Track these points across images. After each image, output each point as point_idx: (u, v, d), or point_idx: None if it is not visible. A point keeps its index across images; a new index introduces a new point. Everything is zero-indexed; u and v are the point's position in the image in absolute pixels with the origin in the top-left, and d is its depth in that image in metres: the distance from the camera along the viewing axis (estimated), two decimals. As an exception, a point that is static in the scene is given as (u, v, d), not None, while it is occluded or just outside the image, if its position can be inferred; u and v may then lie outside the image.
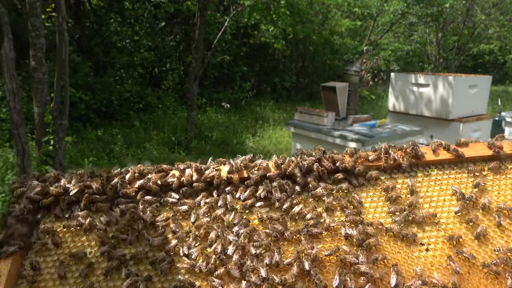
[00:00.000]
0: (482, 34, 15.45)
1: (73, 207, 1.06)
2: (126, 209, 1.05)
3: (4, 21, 3.61)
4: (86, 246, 1.00)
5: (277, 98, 11.55)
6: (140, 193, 1.09)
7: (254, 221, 1.06)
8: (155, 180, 1.11)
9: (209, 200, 1.10)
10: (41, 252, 0.98)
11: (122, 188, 1.08)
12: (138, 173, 1.13)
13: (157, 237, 1.00)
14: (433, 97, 3.54)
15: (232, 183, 1.15)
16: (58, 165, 4.10)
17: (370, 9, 11.73)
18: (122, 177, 1.11)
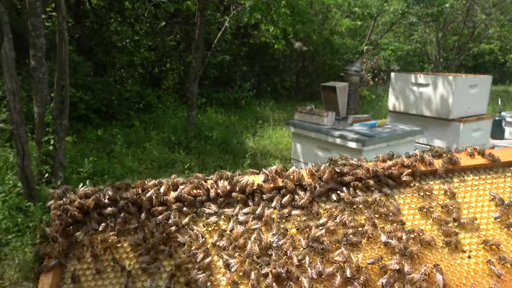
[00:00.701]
0: (483, 34, 15.44)
1: (109, 219, 1.06)
2: (163, 221, 1.04)
3: (4, 21, 3.61)
4: (124, 259, 1.00)
5: (277, 98, 11.54)
6: (176, 204, 1.08)
7: (291, 230, 1.04)
8: (190, 191, 1.10)
9: (246, 210, 1.08)
10: (80, 264, 0.98)
11: (158, 199, 1.08)
12: (172, 185, 1.13)
13: (196, 249, 0.99)
14: (433, 97, 3.54)
15: (267, 192, 1.12)
16: (58, 165, 4.10)
17: (370, 9, 11.72)
18: (157, 189, 1.10)
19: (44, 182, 4.07)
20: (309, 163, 1.20)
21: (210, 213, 1.07)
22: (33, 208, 3.79)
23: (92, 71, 7.97)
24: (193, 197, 1.10)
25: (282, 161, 6.40)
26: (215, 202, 1.10)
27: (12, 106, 3.77)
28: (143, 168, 5.62)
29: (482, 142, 3.72)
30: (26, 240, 3.55)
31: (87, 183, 1.34)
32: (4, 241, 3.52)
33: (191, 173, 5.56)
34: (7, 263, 3.29)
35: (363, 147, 2.74)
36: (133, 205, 1.07)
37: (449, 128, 3.52)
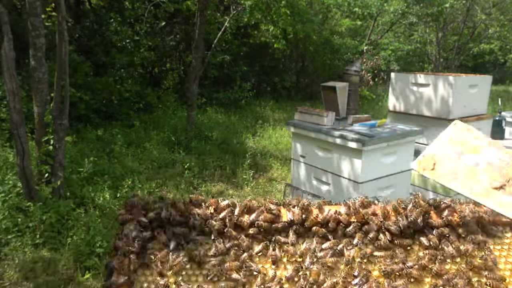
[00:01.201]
0: (483, 34, 15.43)
1: (180, 238, 1.02)
2: (235, 246, 0.99)
3: (4, 20, 3.61)
4: (193, 282, 0.96)
5: (277, 98, 11.55)
6: (250, 229, 1.03)
7: (374, 272, 0.96)
8: (266, 218, 1.03)
9: (326, 245, 0.99)
10: (148, 283, 0.95)
11: (231, 222, 1.03)
12: (246, 208, 1.07)
13: (270, 281, 0.94)
14: (433, 97, 3.54)
15: (348, 226, 1.03)
16: (58, 165, 4.10)
17: (370, 9, 11.72)
18: (231, 211, 1.05)
19: (44, 182, 4.07)
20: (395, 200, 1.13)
21: (285, 242, 1.00)
22: (33, 208, 3.79)
23: (92, 71, 7.96)
24: (269, 223, 1.02)
25: (282, 161, 6.40)
26: (292, 231, 1.02)
27: (12, 106, 3.76)
28: (143, 168, 5.62)
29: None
30: (26, 240, 3.55)
31: (141, 191, 1.32)
32: (4, 241, 3.52)
33: (191, 173, 5.57)
34: (7, 263, 3.29)
35: (363, 147, 2.74)
36: (205, 226, 1.02)
37: (449, 128, 3.52)
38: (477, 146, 0.70)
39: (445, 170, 0.70)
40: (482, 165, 0.68)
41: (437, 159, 0.72)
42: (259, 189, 5.31)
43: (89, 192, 4.38)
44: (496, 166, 0.68)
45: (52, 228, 3.71)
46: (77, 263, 3.32)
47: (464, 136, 0.71)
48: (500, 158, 0.68)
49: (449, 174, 0.69)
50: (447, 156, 0.70)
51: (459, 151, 0.69)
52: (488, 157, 0.69)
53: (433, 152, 0.73)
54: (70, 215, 3.90)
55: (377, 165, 2.91)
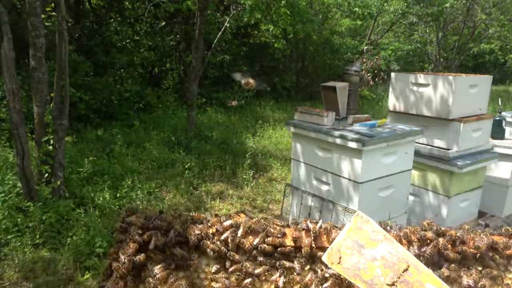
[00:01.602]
0: (483, 33, 15.43)
1: (179, 259, 0.98)
2: (237, 270, 0.96)
3: (4, 20, 3.61)
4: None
5: (277, 98, 11.54)
6: (254, 252, 0.98)
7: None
8: (271, 241, 0.99)
9: (331, 272, 0.94)
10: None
11: (234, 243, 0.99)
12: (250, 229, 1.02)
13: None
14: (433, 97, 3.53)
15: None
16: (58, 165, 4.09)
17: (370, 8, 11.72)
18: (234, 231, 1.01)
19: (44, 182, 4.07)
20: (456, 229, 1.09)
21: (291, 267, 0.95)
22: (32, 208, 3.79)
23: (92, 71, 7.96)
24: (273, 247, 0.98)
25: (282, 161, 6.40)
26: (297, 260, 0.98)
27: (12, 106, 3.76)
28: (143, 168, 5.61)
29: (482, 142, 3.72)
30: (26, 240, 3.55)
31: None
32: (3, 241, 3.52)
33: (191, 173, 5.57)
34: (6, 263, 3.28)
35: (363, 147, 2.74)
36: (204, 246, 0.98)
37: (449, 128, 3.52)
38: (374, 240, 0.74)
39: (348, 264, 0.73)
40: (378, 260, 0.71)
41: (342, 253, 0.75)
42: (259, 189, 5.30)
43: (89, 192, 4.38)
44: (389, 262, 0.70)
45: (52, 228, 3.71)
46: (77, 263, 3.32)
47: (364, 228, 0.75)
48: (392, 253, 0.71)
49: (352, 269, 0.73)
50: (351, 249, 0.74)
51: (361, 245, 0.72)
52: (382, 252, 0.71)
53: (338, 245, 0.76)
54: (70, 215, 3.90)
55: (377, 165, 2.91)
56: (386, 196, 3.02)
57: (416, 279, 0.65)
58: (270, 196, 5.13)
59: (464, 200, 3.65)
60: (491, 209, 4.05)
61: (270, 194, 5.20)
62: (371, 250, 0.72)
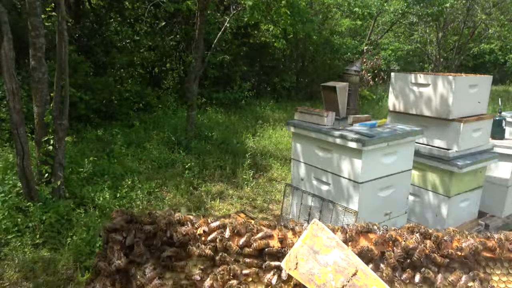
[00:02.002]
0: (483, 33, 15.43)
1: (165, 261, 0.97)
2: (223, 270, 0.94)
3: (4, 20, 3.61)
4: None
5: (277, 98, 11.55)
6: (241, 254, 0.97)
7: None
8: (258, 245, 0.96)
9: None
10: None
11: (221, 244, 0.98)
12: (237, 230, 1.01)
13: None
14: (433, 96, 3.53)
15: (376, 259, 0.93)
16: (58, 165, 4.09)
17: (370, 8, 11.72)
18: (221, 233, 1.00)
19: (44, 182, 4.07)
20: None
21: (277, 266, 0.93)
22: (32, 208, 3.79)
23: (92, 71, 7.96)
24: (259, 250, 0.96)
25: (282, 161, 6.40)
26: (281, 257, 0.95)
27: (12, 106, 3.76)
28: (143, 168, 5.61)
29: (482, 142, 3.72)
30: (26, 240, 3.55)
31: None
32: (4, 241, 3.52)
33: (191, 173, 5.57)
34: (7, 263, 3.29)
35: (363, 147, 2.74)
36: (193, 248, 0.97)
37: (449, 128, 3.52)
38: (328, 246, 0.77)
39: (303, 270, 0.78)
40: (330, 265, 0.75)
41: (298, 259, 0.80)
42: (259, 189, 5.30)
43: (89, 192, 4.38)
44: (340, 266, 0.73)
45: (52, 228, 3.71)
46: (77, 263, 3.32)
47: (320, 235, 0.80)
48: (343, 258, 0.75)
49: (306, 274, 0.77)
50: (306, 255, 0.76)
51: (316, 251, 0.76)
52: (334, 257, 0.75)
53: (296, 252, 0.81)
54: (70, 215, 3.90)
55: (377, 165, 2.91)
56: (386, 196, 3.02)
57: (363, 283, 0.70)
58: (270, 196, 5.14)
59: (464, 200, 3.65)
60: (491, 209, 4.05)
61: (270, 194, 5.20)
62: (325, 256, 0.76)
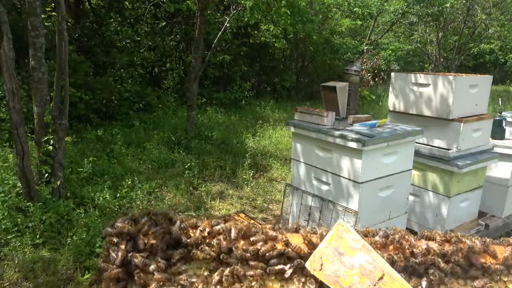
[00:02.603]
0: (483, 33, 15.43)
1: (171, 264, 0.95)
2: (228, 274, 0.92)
3: (4, 20, 3.61)
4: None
5: (277, 98, 11.55)
6: (246, 256, 0.94)
7: None
8: (266, 250, 0.94)
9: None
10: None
11: (225, 248, 0.95)
12: (242, 233, 0.99)
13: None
14: (434, 96, 3.53)
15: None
16: (58, 165, 4.09)
17: (371, 8, 11.72)
18: (225, 236, 0.98)
19: (43, 182, 4.07)
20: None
21: (281, 269, 0.90)
22: (32, 208, 3.79)
23: (92, 71, 7.96)
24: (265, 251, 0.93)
25: (282, 161, 6.40)
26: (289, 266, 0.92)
27: (12, 106, 3.76)
28: (143, 168, 5.61)
29: (482, 142, 3.72)
30: (26, 240, 3.55)
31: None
32: (3, 241, 3.52)
33: (191, 173, 5.57)
34: (6, 263, 3.28)
35: (363, 147, 2.73)
36: (198, 251, 0.94)
37: (449, 128, 3.52)
38: (353, 248, 0.76)
39: (329, 271, 0.77)
40: (356, 268, 0.74)
41: (323, 260, 0.78)
42: (259, 189, 5.30)
43: (89, 192, 4.38)
44: (366, 270, 0.73)
45: (52, 228, 3.71)
46: (77, 263, 3.32)
47: (345, 237, 0.80)
48: (369, 262, 0.74)
49: (332, 275, 0.76)
50: (331, 257, 0.76)
51: (341, 253, 0.76)
52: (360, 260, 0.75)
53: (320, 253, 0.79)
54: (70, 215, 3.90)
55: (377, 165, 2.91)
56: (386, 196, 3.02)
57: (390, 287, 0.66)
58: (270, 196, 5.13)
59: (464, 200, 3.65)
60: (491, 209, 4.05)
61: (270, 194, 5.19)
62: (350, 258, 0.75)
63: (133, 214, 1.00)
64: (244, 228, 0.98)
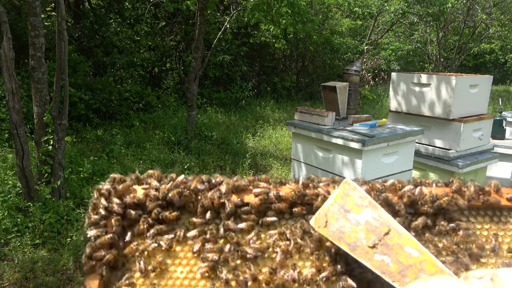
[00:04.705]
0: (483, 33, 15.43)
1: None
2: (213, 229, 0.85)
3: (3, 20, 3.60)
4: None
5: (277, 98, 11.55)
6: (243, 209, 0.88)
7: None
8: (254, 203, 0.87)
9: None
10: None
11: (219, 202, 0.87)
12: (234, 188, 0.91)
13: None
14: (434, 96, 3.53)
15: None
16: (58, 165, 4.09)
17: (371, 8, 11.72)
18: (218, 190, 0.90)
19: (43, 182, 4.06)
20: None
21: (272, 221, 0.85)
22: (32, 208, 3.79)
23: (92, 71, 7.96)
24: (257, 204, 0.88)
25: (282, 161, 6.39)
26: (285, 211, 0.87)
27: (11, 106, 3.76)
28: (143, 168, 5.61)
29: (482, 142, 3.71)
30: (26, 240, 3.54)
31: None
32: (3, 241, 3.52)
33: (191, 173, 5.55)
34: (6, 263, 3.28)
35: (363, 147, 2.73)
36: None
37: (449, 128, 3.51)
38: (360, 205, 0.75)
39: (333, 228, 0.74)
40: (362, 225, 0.73)
41: (328, 217, 0.76)
42: (259, 189, 5.30)
43: (88, 192, 4.38)
44: (372, 226, 0.73)
45: (52, 228, 3.71)
46: (77, 263, 3.31)
47: (351, 194, 0.77)
48: (376, 218, 0.74)
49: (336, 232, 0.74)
50: (337, 214, 0.75)
51: (347, 210, 0.75)
52: (366, 216, 0.74)
53: (326, 210, 0.77)
54: (70, 215, 3.89)
55: (377, 165, 2.90)
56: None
57: (396, 242, 0.68)
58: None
59: (465, 200, 3.64)
60: (491, 209, 4.04)
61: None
62: (356, 215, 0.74)
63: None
64: (235, 183, 0.94)
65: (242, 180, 0.86)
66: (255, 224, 0.82)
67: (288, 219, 0.83)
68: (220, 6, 10.28)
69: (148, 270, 0.75)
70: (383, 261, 0.66)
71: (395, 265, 0.64)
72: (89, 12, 9.17)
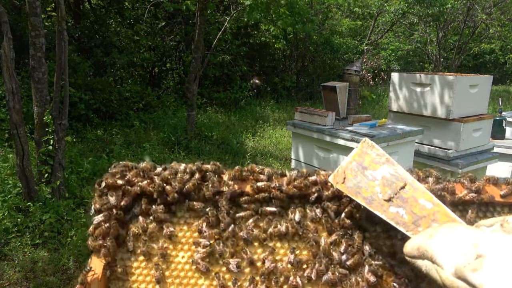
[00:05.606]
0: (483, 33, 15.43)
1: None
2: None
3: (4, 20, 3.61)
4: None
5: (277, 98, 11.55)
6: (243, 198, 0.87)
7: None
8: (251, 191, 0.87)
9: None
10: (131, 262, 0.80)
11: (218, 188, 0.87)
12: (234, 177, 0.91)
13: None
14: (434, 96, 3.53)
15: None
16: (58, 165, 4.09)
17: (371, 8, 11.73)
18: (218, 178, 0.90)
19: (43, 182, 4.07)
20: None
21: (271, 211, 0.84)
22: (32, 208, 3.79)
23: (92, 71, 7.96)
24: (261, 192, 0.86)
25: (282, 161, 6.40)
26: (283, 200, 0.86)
27: (12, 106, 3.76)
28: (143, 168, 5.61)
29: (482, 142, 3.71)
30: (26, 240, 3.55)
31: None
32: (3, 241, 3.52)
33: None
34: (7, 263, 3.28)
35: (363, 147, 2.73)
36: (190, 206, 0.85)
37: (449, 128, 3.52)
38: (377, 162, 0.77)
39: (351, 184, 0.77)
40: (378, 180, 0.75)
41: (346, 174, 0.78)
42: (259, 189, 5.30)
43: (88, 192, 4.38)
44: (389, 181, 0.74)
45: (52, 228, 3.71)
46: (77, 263, 3.32)
47: (369, 152, 0.79)
48: (392, 174, 0.76)
49: (354, 187, 0.76)
50: (354, 171, 0.78)
51: (364, 167, 0.78)
52: (383, 172, 0.76)
53: (344, 167, 0.79)
54: (70, 215, 3.90)
55: (377, 165, 2.90)
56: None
57: (411, 195, 0.69)
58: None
59: (465, 200, 3.64)
60: (491, 209, 4.04)
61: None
62: (373, 171, 0.76)
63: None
64: (236, 172, 0.92)
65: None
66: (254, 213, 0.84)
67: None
68: (220, 6, 10.28)
69: (150, 253, 0.76)
70: (397, 213, 0.68)
71: (409, 216, 0.65)
72: (89, 12, 9.17)
